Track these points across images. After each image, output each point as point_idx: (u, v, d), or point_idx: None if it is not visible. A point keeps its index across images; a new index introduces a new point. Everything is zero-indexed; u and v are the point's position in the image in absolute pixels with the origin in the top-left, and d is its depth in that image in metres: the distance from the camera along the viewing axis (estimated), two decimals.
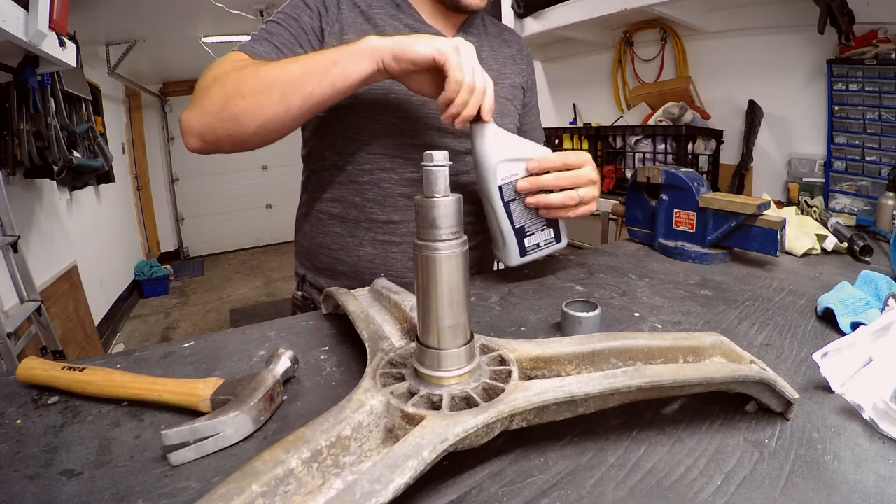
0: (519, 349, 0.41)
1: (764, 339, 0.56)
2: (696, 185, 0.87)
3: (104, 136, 3.65)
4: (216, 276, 5.20)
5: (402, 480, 0.28)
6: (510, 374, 0.38)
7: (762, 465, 0.36)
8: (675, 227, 0.90)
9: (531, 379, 0.39)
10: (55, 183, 2.73)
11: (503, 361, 0.40)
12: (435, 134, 0.80)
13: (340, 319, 0.63)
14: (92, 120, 3.10)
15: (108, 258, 3.81)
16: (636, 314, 0.64)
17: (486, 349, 0.42)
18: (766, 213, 0.80)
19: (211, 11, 3.24)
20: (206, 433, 0.37)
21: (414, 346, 0.39)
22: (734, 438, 0.39)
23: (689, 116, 1.91)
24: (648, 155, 1.99)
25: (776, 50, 1.77)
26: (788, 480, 0.34)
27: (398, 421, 0.34)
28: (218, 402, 0.42)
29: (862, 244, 0.87)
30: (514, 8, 2.31)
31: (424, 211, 0.36)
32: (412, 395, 0.36)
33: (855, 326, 0.55)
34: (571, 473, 0.35)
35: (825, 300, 0.61)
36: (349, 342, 0.57)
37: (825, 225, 0.99)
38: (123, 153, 4.64)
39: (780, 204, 1.14)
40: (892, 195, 1.13)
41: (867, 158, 1.52)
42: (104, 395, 0.45)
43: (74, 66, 2.08)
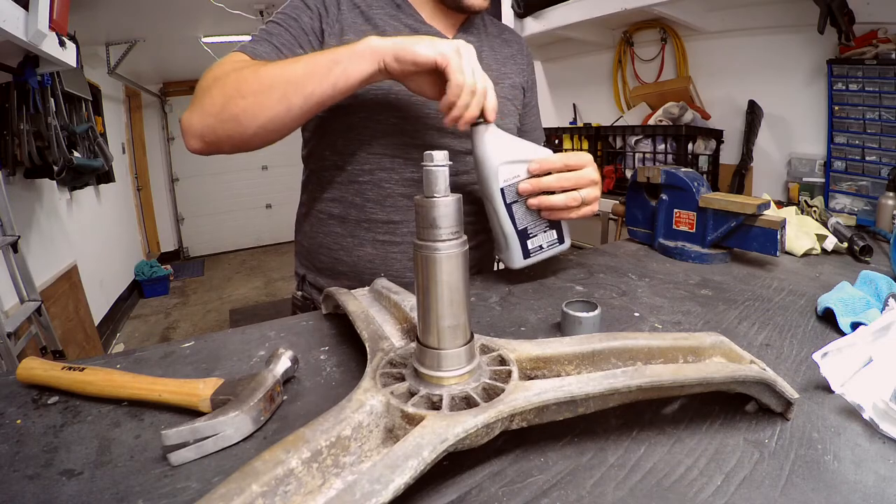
0: (519, 349, 0.41)
1: (764, 339, 0.56)
2: (696, 185, 0.87)
3: (104, 136, 3.65)
4: (216, 276, 5.20)
5: (402, 480, 0.28)
6: (510, 374, 0.38)
7: (762, 465, 0.36)
8: (675, 227, 0.90)
9: (531, 379, 0.39)
10: (55, 183, 2.73)
11: (503, 361, 0.40)
12: (435, 134, 0.80)
13: (340, 319, 0.63)
14: (92, 120, 3.10)
15: (108, 258, 3.81)
16: (636, 314, 0.64)
17: (486, 349, 0.42)
18: (766, 213, 0.80)
19: (211, 11, 3.24)
20: (206, 433, 0.37)
21: (414, 346, 0.39)
22: (734, 438, 0.39)
23: (689, 116, 1.91)
24: (648, 155, 1.99)
25: (776, 50, 1.77)
26: (788, 480, 0.34)
27: (398, 421, 0.34)
28: (218, 402, 0.42)
29: (862, 244, 0.87)
30: (514, 8, 2.31)
31: (424, 211, 0.36)
32: (412, 395, 0.36)
33: (855, 326, 0.55)
34: (571, 473, 0.35)
35: (825, 300, 0.61)
36: (349, 342, 0.57)
37: (825, 225, 0.99)
38: (123, 153, 4.64)
39: (780, 204, 1.14)
40: (892, 195, 1.13)
41: (867, 158, 1.52)
42: (104, 395, 0.45)
43: (74, 66, 2.08)
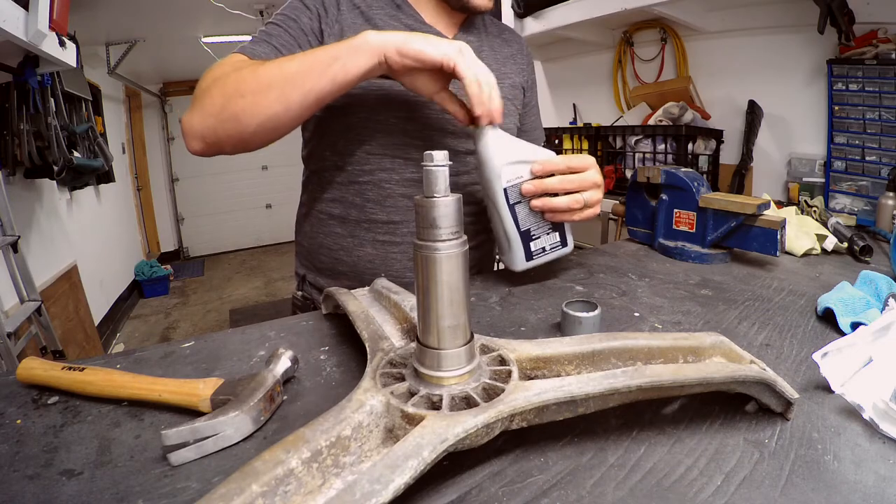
0: (519, 349, 0.41)
1: (764, 339, 0.56)
2: (696, 185, 0.87)
3: (104, 136, 3.66)
4: (216, 276, 5.20)
5: (402, 480, 0.28)
6: (510, 374, 0.38)
7: (762, 465, 0.36)
8: (675, 227, 0.90)
9: (531, 379, 0.39)
10: (55, 183, 2.73)
11: (503, 361, 0.40)
12: (435, 134, 0.80)
13: (340, 319, 0.63)
14: (92, 120, 3.10)
15: (108, 258, 3.81)
16: (636, 314, 0.64)
17: (486, 349, 0.42)
18: (766, 213, 0.80)
19: (211, 11, 3.24)
20: (206, 433, 0.37)
21: (414, 346, 0.39)
22: (734, 438, 0.39)
23: (689, 116, 1.91)
24: (648, 155, 1.99)
25: (776, 50, 1.77)
26: (788, 480, 0.34)
27: (398, 421, 0.34)
28: (218, 402, 0.42)
29: (862, 244, 0.87)
30: (514, 8, 2.31)
31: (424, 211, 0.36)
32: (412, 395, 0.36)
33: (855, 326, 0.55)
34: (571, 473, 0.35)
35: (825, 300, 0.61)
36: (349, 342, 0.57)
37: (825, 225, 0.99)
38: (123, 153, 4.64)
39: (780, 204, 1.14)
40: (892, 195, 1.13)
41: (867, 158, 1.52)
42: (104, 395, 0.45)
43: (74, 66, 2.08)
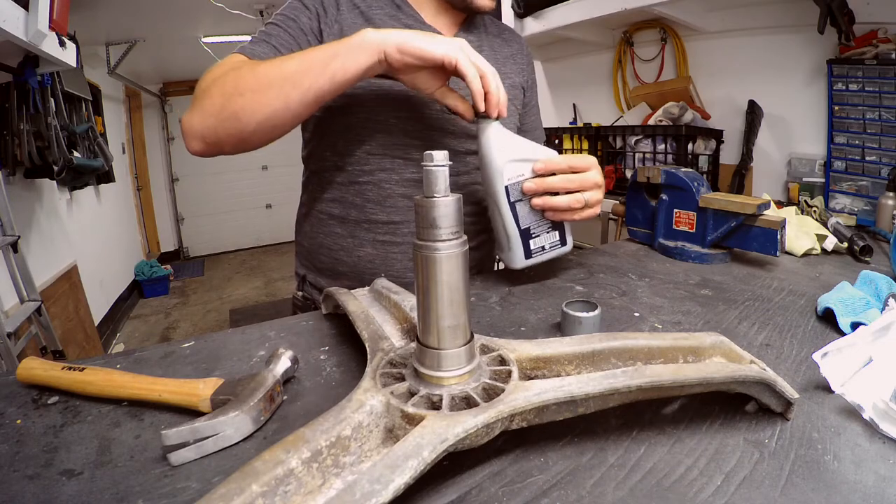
0: (519, 349, 0.41)
1: (764, 339, 0.56)
2: (696, 185, 0.87)
3: (104, 136, 3.65)
4: (216, 276, 5.20)
5: (402, 480, 0.28)
6: (510, 374, 0.38)
7: (762, 465, 0.36)
8: (675, 227, 0.90)
9: (531, 379, 0.39)
10: (55, 183, 2.73)
11: (503, 361, 0.40)
12: (435, 134, 0.80)
13: (340, 319, 0.63)
14: (92, 120, 3.10)
15: (108, 258, 3.81)
16: (636, 314, 0.64)
17: (486, 349, 0.42)
18: (766, 213, 0.80)
19: (211, 11, 3.24)
20: (206, 433, 0.37)
21: (414, 346, 0.39)
22: (734, 438, 0.39)
23: (689, 116, 1.91)
24: (648, 155, 1.99)
25: (776, 50, 1.77)
26: (788, 480, 0.34)
27: (398, 421, 0.34)
28: (218, 402, 0.42)
29: (862, 244, 0.87)
30: (514, 8, 2.31)
31: (424, 211, 0.36)
32: (412, 395, 0.36)
33: (855, 326, 0.55)
34: (571, 473, 0.35)
35: (825, 300, 0.61)
36: (349, 342, 0.57)
37: (825, 225, 0.99)
38: (123, 153, 4.64)
39: (780, 204, 1.14)
40: (892, 195, 1.13)
41: (867, 158, 1.52)
42: (104, 395, 0.45)
43: (74, 66, 2.08)
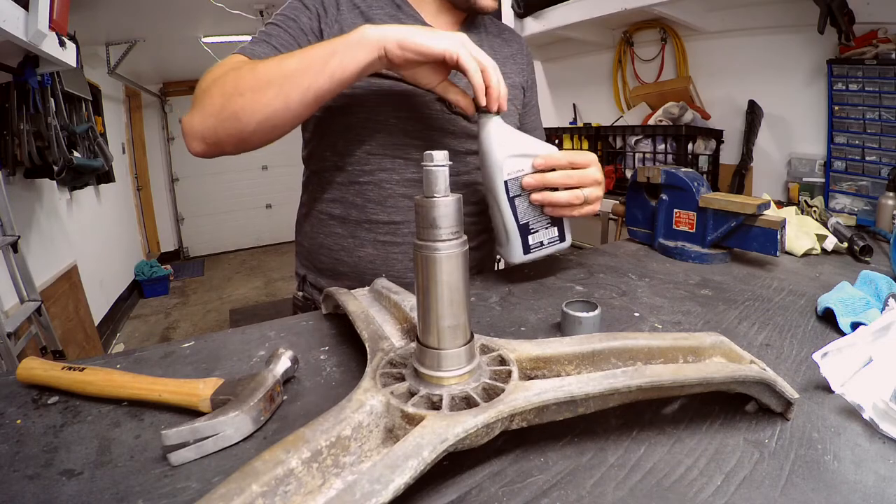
0: (519, 349, 0.41)
1: (764, 339, 0.56)
2: (696, 185, 0.87)
3: (104, 136, 3.65)
4: (216, 276, 5.20)
5: (402, 480, 0.28)
6: (510, 374, 0.38)
7: (762, 465, 0.36)
8: (675, 227, 0.90)
9: (531, 379, 0.39)
10: (55, 183, 2.73)
11: (503, 361, 0.40)
12: (436, 134, 0.80)
13: (340, 319, 0.63)
14: (92, 120, 3.10)
15: (108, 258, 3.81)
16: (636, 314, 0.64)
17: (486, 349, 0.42)
18: (766, 213, 0.80)
19: (211, 11, 3.24)
20: (206, 433, 0.37)
21: (414, 346, 0.39)
22: (734, 438, 0.39)
23: (689, 116, 1.91)
24: (648, 155, 1.99)
25: (776, 50, 1.77)
26: (788, 480, 0.34)
27: (398, 421, 0.34)
28: (218, 402, 0.42)
29: (862, 244, 0.87)
30: (514, 8, 2.31)
31: (424, 211, 0.36)
32: (412, 395, 0.36)
33: (855, 326, 0.55)
34: (571, 473, 0.35)
35: (825, 300, 0.61)
36: (349, 342, 0.57)
37: (825, 225, 0.99)
38: (123, 153, 4.64)
39: (780, 204, 1.14)
40: (892, 195, 1.13)
41: (867, 158, 1.52)
42: (104, 395, 0.45)
43: (74, 66, 2.08)
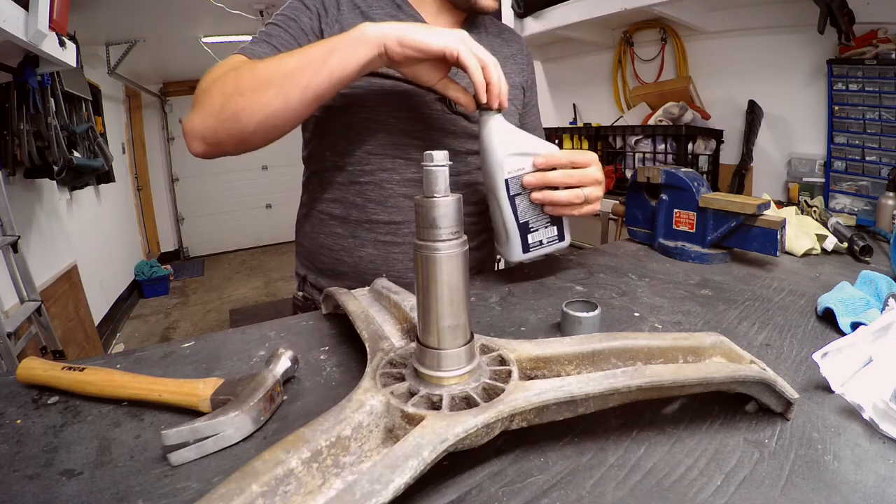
0: (519, 349, 0.41)
1: (764, 339, 0.56)
2: (696, 185, 0.87)
3: (104, 136, 3.65)
4: (216, 276, 5.20)
5: (402, 480, 0.28)
6: (510, 374, 0.38)
7: (762, 465, 0.36)
8: (675, 227, 0.90)
9: (531, 379, 0.39)
10: (55, 183, 2.73)
11: (503, 361, 0.40)
12: (436, 134, 0.80)
13: (340, 319, 0.63)
14: (92, 120, 3.10)
15: (108, 258, 3.81)
16: (636, 314, 0.64)
17: (486, 349, 0.42)
18: (766, 213, 0.80)
19: (211, 11, 3.24)
20: (206, 433, 0.37)
21: (414, 346, 0.39)
22: (734, 438, 0.39)
23: (689, 116, 1.91)
24: (648, 155, 1.99)
25: (776, 50, 1.77)
26: (788, 480, 0.34)
27: (398, 421, 0.34)
28: (218, 402, 0.42)
29: (862, 244, 0.87)
30: (514, 8, 2.31)
31: (424, 211, 0.36)
32: (412, 395, 0.36)
33: (855, 326, 0.55)
34: (571, 473, 0.35)
35: (825, 300, 0.61)
36: (349, 342, 0.57)
37: (825, 225, 0.99)
38: (123, 153, 4.64)
39: (780, 204, 1.14)
40: (892, 195, 1.13)
41: (867, 158, 1.52)
42: (104, 395, 0.45)
43: (74, 66, 2.08)
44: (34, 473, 0.36)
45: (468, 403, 0.35)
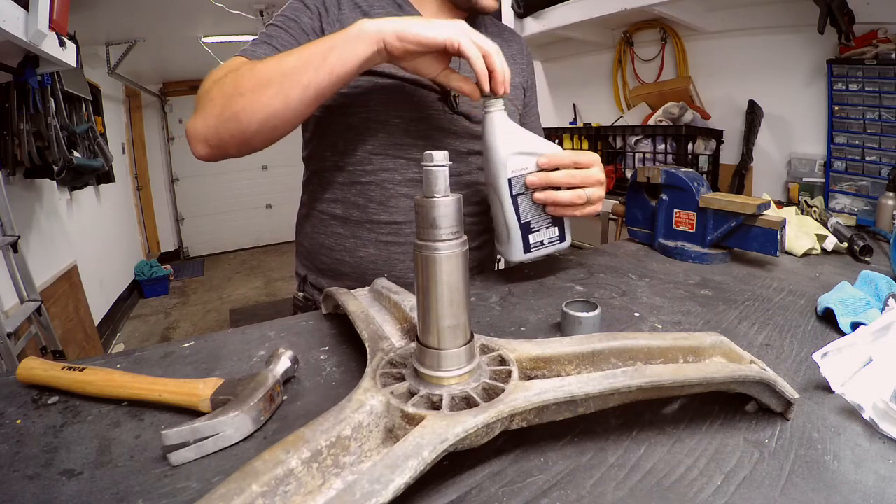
0: (519, 349, 0.41)
1: (764, 339, 0.56)
2: (696, 185, 0.87)
3: (104, 136, 3.65)
4: (216, 276, 5.20)
5: (402, 480, 0.28)
6: (510, 374, 0.38)
7: (762, 465, 0.36)
8: (675, 227, 0.90)
9: (531, 379, 0.39)
10: (55, 183, 2.73)
11: (503, 361, 0.40)
12: (438, 134, 0.80)
13: (340, 319, 0.63)
14: (92, 120, 3.10)
15: (108, 258, 3.81)
16: (636, 314, 0.64)
17: (486, 349, 0.42)
18: (766, 213, 0.80)
19: (211, 11, 3.24)
20: (206, 433, 0.37)
21: (414, 346, 0.39)
22: (734, 438, 0.39)
23: (689, 116, 1.91)
24: (648, 155, 1.99)
25: (776, 50, 1.77)
26: (788, 480, 0.34)
27: (398, 421, 0.34)
28: (218, 402, 0.42)
29: (862, 244, 0.87)
30: (514, 8, 2.31)
31: (424, 211, 0.36)
32: (412, 395, 0.36)
33: (855, 326, 0.55)
34: (571, 473, 0.35)
35: (825, 300, 0.61)
36: (349, 342, 0.57)
37: (825, 225, 0.99)
38: (123, 153, 4.64)
39: (780, 204, 1.14)
40: (892, 195, 1.13)
41: (867, 158, 1.52)
42: (104, 395, 0.45)
43: (74, 66, 2.08)
44: (34, 473, 0.36)
45: (468, 403, 0.35)
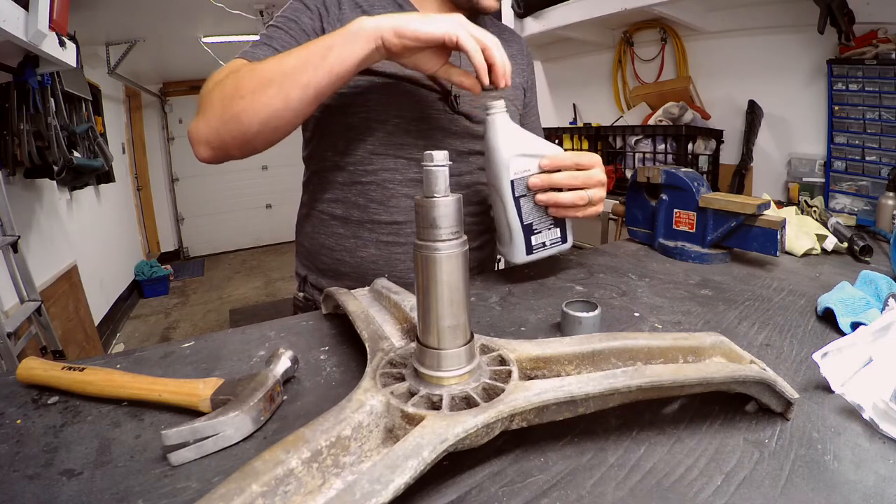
0: (519, 349, 0.41)
1: (764, 339, 0.56)
2: (696, 185, 0.87)
3: (104, 136, 3.66)
4: (216, 276, 5.20)
5: (402, 480, 0.28)
6: (510, 374, 0.38)
7: (762, 465, 0.36)
8: (675, 227, 0.90)
9: (531, 379, 0.39)
10: (55, 183, 2.73)
11: (503, 361, 0.40)
12: (439, 134, 0.80)
13: (340, 319, 0.63)
14: (92, 120, 3.10)
15: (108, 258, 3.81)
16: (636, 314, 0.64)
17: (486, 349, 0.42)
18: (766, 213, 0.80)
19: (211, 11, 3.24)
20: (206, 433, 0.37)
21: (414, 346, 0.39)
22: (734, 438, 0.39)
23: (689, 116, 1.91)
24: (648, 155, 1.99)
25: (776, 50, 1.77)
26: (788, 480, 0.34)
27: (398, 421, 0.34)
28: (218, 402, 0.42)
29: (862, 244, 0.87)
30: (514, 8, 2.31)
31: (424, 211, 0.36)
32: (412, 395, 0.36)
33: (855, 326, 0.55)
34: (571, 473, 0.35)
35: (825, 300, 0.61)
36: (349, 342, 0.57)
37: (825, 225, 0.99)
38: (123, 153, 4.64)
39: (780, 204, 1.14)
40: (892, 195, 1.13)
41: (867, 158, 1.52)
42: (104, 395, 0.45)
43: (74, 66, 2.08)
44: (34, 473, 0.36)
45: (468, 403, 0.35)
